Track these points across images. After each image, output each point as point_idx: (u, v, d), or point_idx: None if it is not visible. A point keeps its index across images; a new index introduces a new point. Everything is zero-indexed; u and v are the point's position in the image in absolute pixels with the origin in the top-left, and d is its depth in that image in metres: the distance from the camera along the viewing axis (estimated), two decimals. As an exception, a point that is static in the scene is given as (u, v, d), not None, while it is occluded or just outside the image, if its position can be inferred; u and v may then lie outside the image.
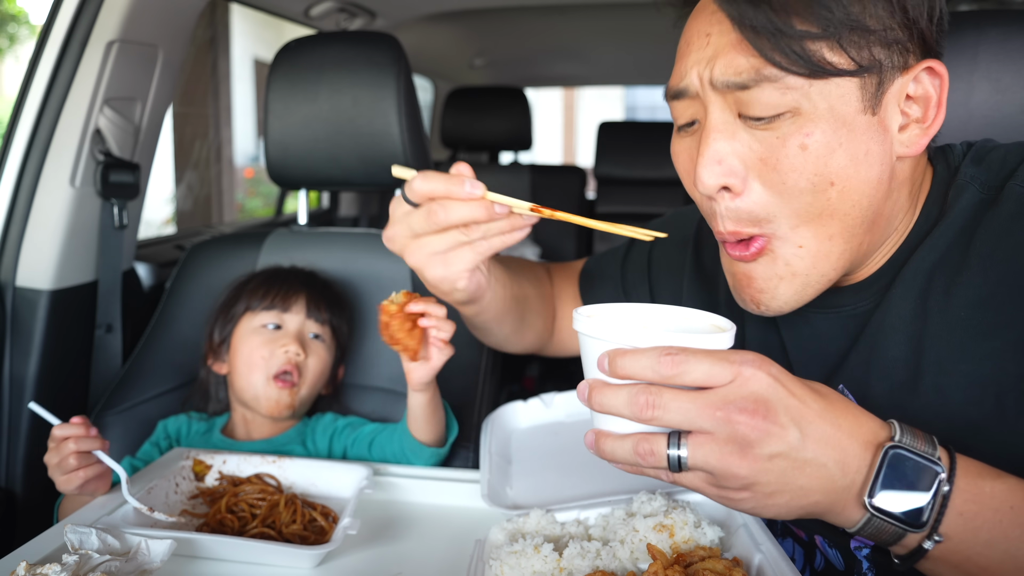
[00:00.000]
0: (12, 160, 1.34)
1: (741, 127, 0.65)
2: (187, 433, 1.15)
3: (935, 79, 0.65)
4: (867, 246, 0.69)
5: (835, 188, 0.64)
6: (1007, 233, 0.65)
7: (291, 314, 1.14)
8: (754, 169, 0.65)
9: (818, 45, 0.61)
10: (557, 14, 2.71)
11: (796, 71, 0.61)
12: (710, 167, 0.65)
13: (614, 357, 0.57)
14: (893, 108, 0.65)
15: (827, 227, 0.65)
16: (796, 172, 0.63)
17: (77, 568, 0.69)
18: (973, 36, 0.89)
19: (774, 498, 0.56)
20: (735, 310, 0.87)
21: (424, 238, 0.72)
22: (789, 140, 0.63)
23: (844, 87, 0.62)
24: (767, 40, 0.61)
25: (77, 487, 0.89)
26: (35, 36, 1.38)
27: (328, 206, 3.00)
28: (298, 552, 0.79)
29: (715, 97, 0.65)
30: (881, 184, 0.65)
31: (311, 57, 1.30)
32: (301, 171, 1.33)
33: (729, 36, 0.63)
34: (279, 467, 0.98)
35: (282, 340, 1.11)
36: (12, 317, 1.33)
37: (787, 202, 0.65)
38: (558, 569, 0.70)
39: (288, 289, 1.15)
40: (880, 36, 0.61)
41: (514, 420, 1.12)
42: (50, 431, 0.90)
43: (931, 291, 0.68)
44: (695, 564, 0.65)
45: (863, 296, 0.74)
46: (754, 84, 0.62)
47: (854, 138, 0.63)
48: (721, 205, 0.67)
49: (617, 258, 1.05)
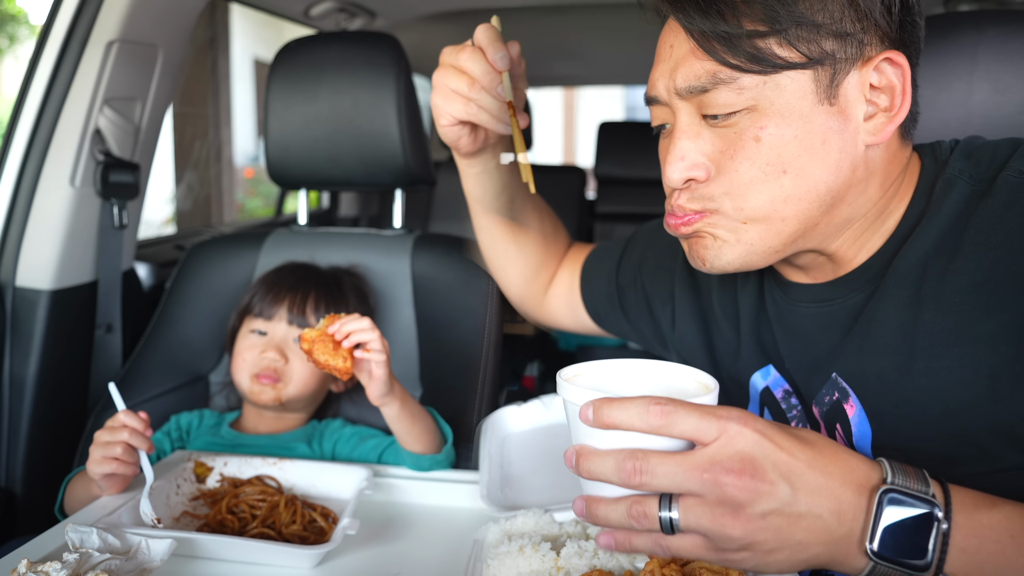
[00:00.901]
0: (12, 160, 1.34)
1: (705, 127, 0.70)
2: (198, 426, 1.17)
3: (896, 69, 0.68)
4: (824, 226, 0.71)
5: (788, 176, 0.68)
6: (1001, 221, 0.66)
7: (273, 322, 1.16)
8: (716, 162, 0.70)
9: (767, 42, 0.65)
10: (557, 14, 2.71)
11: (748, 69, 0.65)
12: (675, 164, 0.71)
13: (599, 407, 0.57)
14: (856, 98, 0.68)
15: (781, 210, 0.69)
16: (750, 161, 0.68)
17: (77, 566, 0.69)
18: (973, 36, 0.89)
19: (775, 555, 0.56)
20: (727, 309, 0.88)
21: (450, 70, 0.81)
22: (745, 134, 0.68)
23: (798, 80, 0.66)
24: (718, 44, 0.66)
25: (105, 474, 0.90)
26: (35, 36, 1.38)
27: (328, 206, 3.00)
28: (297, 552, 0.79)
29: (680, 103, 0.71)
30: (840, 170, 0.68)
31: (311, 57, 1.30)
32: (301, 171, 1.33)
33: (686, 45, 0.69)
34: (280, 469, 0.98)
35: (265, 347, 1.14)
36: (12, 317, 1.33)
37: (743, 189, 0.69)
38: (555, 568, 0.70)
39: (274, 297, 1.17)
40: (830, 29, 0.65)
41: (513, 422, 1.12)
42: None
43: (926, 279, 0.68)
44: (691, 563, 0.65)
45: (853, 287, 0.75)
46: (712, 87, 0.67)
47: (810, 128, 0.67)
48: (678, 193, 0.73)
49: (613, 256, 1.07)
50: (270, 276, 1.22)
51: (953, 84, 0.89)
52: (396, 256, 1.32)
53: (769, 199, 0.69)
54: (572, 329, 1.19)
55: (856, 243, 0.74)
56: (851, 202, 0.71)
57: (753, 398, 0.85)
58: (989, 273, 0.65)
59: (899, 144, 0.73)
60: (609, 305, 1.07)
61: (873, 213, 0.73)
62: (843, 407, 0.73)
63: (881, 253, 0.73)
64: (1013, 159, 0.68)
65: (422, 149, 1.30)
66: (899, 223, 0.73)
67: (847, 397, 0.73)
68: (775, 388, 0.82)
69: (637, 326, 1.04)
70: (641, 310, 1.02)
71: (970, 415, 0.65)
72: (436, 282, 1.30)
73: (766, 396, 0.83)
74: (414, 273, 1.31)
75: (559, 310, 1.14)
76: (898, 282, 0.70)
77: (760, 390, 0.84)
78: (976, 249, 0.66)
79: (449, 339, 1.26)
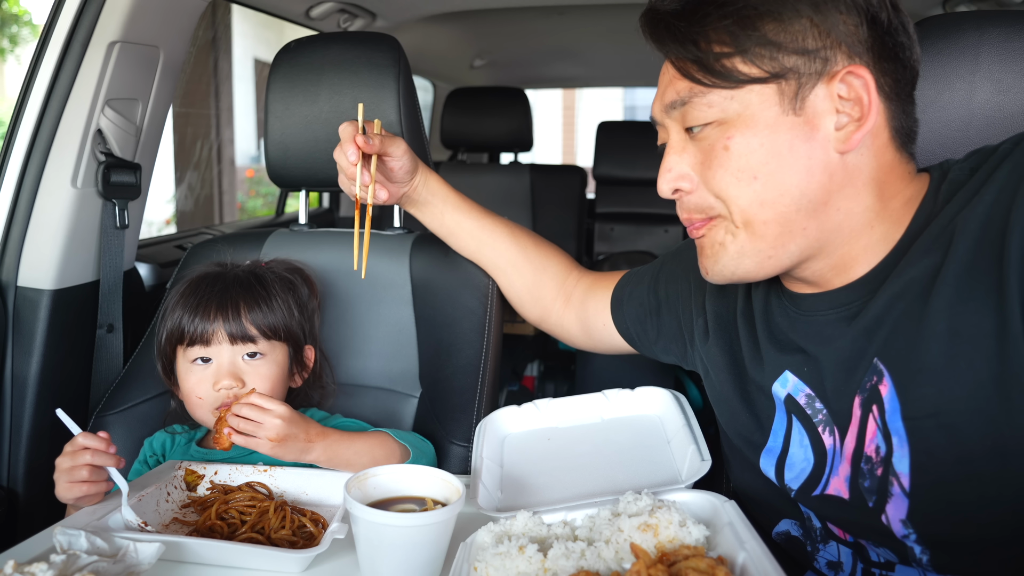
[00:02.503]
0: (14, 161, 1.34)
1: (689, 142, 0.80)
2: (171, 447, 1.14)
3: (859, 80, 0.73)
4: (816, 231, 0.76)
5: (759, 181, 0.75)
6: (1000, 167, 0.70)
7: (214, 346, 1.05)
8: (698, 172, 0.79)
9: (732, 61, 0.73)
10: (557, 15, 2.71)
11: (716, 85, 0.74)
12: (663, 176, 0.81)
13: None
14: (825, 108, 0.73)
15: (760, 214, 0.76)
16: (723, 169, 0.76)
17: (64, 568, 0.69)
18: (975, 37, 0.89)
19: None
20: (747, 319, 0.92)
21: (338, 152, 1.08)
22: (716, 144, 0.76)
23: (763, 94, 0.73)
24: (691, 64, 0.75)
25: (76, 498, 0.90)
26: (37, 37, 1.38)
27: (328, 206, 3.00)
28: (285, 556, 0.79)
29: (671, 123, 0.81)
30: (812, 175, 0.74)
31: (311, 58, 1.30)
32: (301, 172, 1.33)
33: (671, 70, 0.80)
34: (270, 476, 0.98)
35: (215, 377, 1.05)
36: (14, 317, 1.33)
37: (724, 194, 0.77)
38: (543, 570, 0.70)
39: (204, 321, 1.05)
40: (792, 47, 0.72)
41: (507, 424, 1.12)
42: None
43: (929, 280, 0.71)
44: (679, 563, 0.65)
45: (861, 293, 0.77)
46: (688, 100, 0.77)
47: (776, 137, 0.73)
48: (679, 204, 0.83)
49: (645, 279, 1.12)
50: (188, 295, 1.09)
51: (955, 84, 0.89)
52: (396, 256, 1.32)
53: (747, 203, 0.76)
54: (581, 346, 1.25)
55: (865, 250, 0.77)
56: (840, 207, 0.75)
57: (779, 406, 0.86)
58: (982, 244, 0.68)
59: (895, 156, 0.77)
60: (641, 328, 1.10)
61: (876, 221, 0.76)
62: (879, 388, 0.75)
63: (889, 258, 0.76)
64: (1007, 143, 0.72)
65: (422, 150, 1.30)
66: (905, 231, 0.76)
67: (883, 377, 0.74)
68: (797, 394, 0.84)
69: (667, 345, 1.08)
70: (673, 328, 1.06)
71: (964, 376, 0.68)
72: (436, 282, 1.30)
73: (790, 403, 0.84)
74: (413, 273, 1.31)
75: (571, 327, 1.21)
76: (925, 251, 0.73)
77: (783, 398, 0.85)
78: (966, 224, 0.70)
79: (449, 339, 1.26)
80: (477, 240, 1.22)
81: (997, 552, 0.71)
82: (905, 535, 0.74)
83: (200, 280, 1.11)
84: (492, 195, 3.05)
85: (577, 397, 1.13)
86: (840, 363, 0.78)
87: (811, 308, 0.82)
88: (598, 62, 3.63)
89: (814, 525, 0.85)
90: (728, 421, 0.93)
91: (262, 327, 1.08)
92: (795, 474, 0.84)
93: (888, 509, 0.74)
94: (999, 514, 0.69)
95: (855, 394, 0.77)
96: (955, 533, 0.72)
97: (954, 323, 0.68)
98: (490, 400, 1.23)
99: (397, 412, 1.26)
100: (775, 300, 0.88)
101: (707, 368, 0.97)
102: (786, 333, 0.85)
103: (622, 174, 3.26)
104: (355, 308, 1.31)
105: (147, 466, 1.12)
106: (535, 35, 3.09)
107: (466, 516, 0.90)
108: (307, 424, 0.97)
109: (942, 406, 0.69)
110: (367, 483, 0.84)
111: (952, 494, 0.70)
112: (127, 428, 1.25)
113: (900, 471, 0.73)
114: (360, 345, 1.30)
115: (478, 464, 0.99)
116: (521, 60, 3.65)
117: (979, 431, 0.68)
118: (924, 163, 0.91)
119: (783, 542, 0.91)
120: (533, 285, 1.22)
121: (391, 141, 1.10)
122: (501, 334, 1.31)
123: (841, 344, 0.78)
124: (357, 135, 1.03)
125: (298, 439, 0.95)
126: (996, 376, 0.66)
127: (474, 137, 3.30)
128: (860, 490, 0.77)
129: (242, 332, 1.06)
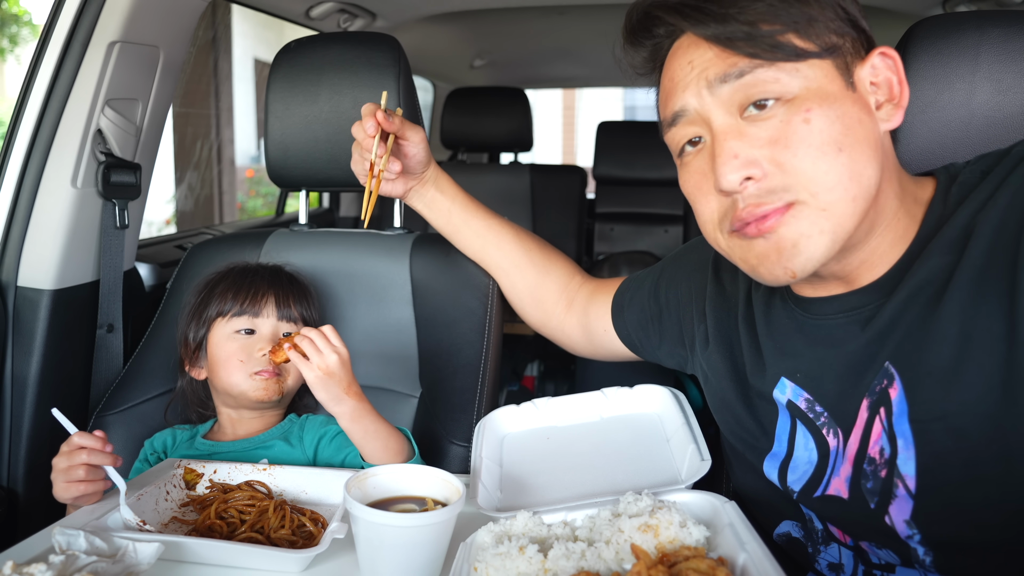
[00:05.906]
0: (14, 160, 1.34)
1: (745, 125, 0.71)
2: (172, 445, 1.14)
3: (888, 60, 0.74)
4: (873, 213, 0.74)
5: (844, 153, 0.69)
6: (1008, 184, 0.71)
7: (262, 318, 1.14)
8: (768, 154, 0.70)
9: (786, 37, 0.70)
10: (557, 15, 2.71)
11: (778, 59, 0.70)
12: (729, 163, 0.71)
13: None
14: (866, 87, 0.74)
15: (850, 189, 0.70)
16: (806, 144, 0.69)
17: (63, 568, 0.69)
18: (975, 37, 0.88)
19: None
20: (749, 327, 0.90)
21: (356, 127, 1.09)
22: (792, 119, 0.70)
23: (823, 68, 0.71)
24: (743, 44, 0.70)
25: (73, 498, 0.90)
26: (37, 37, 1.38)
27: (328, 206, 3.00)
28: (285, 556, 0.79)
29: (716, 105, 0.72)
30: (876, 151, 0.72)
31: (311, 58, 1.30)
32: (301, 172, 1.33)
33: (709, 53, 0.73)
34: (270, 475, 0.98)
35: (258, 344, 1.12)
36: (14, 317, 1.33)
37: (809, 172, 0.69)
38: (543, 570, 0.69)
39: (256, 292, 1.14)
40: (834, 27, 0.71)
41: (506, 424, 1.12)
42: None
43: (942, 283, 0.71)
44: (679, 564, 0.65)
45: (876, 296, 0.76)
46: (750, 71, 0.70)
47: (846, 109, 0.71)
48: (744, 194, 0.72)
49: (646, 284, 1.11)
50: (235, 276, 1.17)
51: (955, 84, 0.89)
52: (396, 256, 1.32)
53: (837, 178, 0.69)
54: (583, 353, 1.24)
55: (891, 246, 0.76)
56: (884, 190, 0.74)
57: (781, 411, 0.86)
58: (995, 246, 0.68)
59: (894, 154, 0.78)
60: (644, 333, 1.10)
61: (901, 212, 0.76)
62: (888, 392, 0.74)
63: (902, 262, 0.76)
64: (1020, 145, 0.73)
65: (423, 149, 1.30)
66: (916, 235, 0.76)
67: (893, 380, 0.74)
68: (796, 399, 0.83)
69: (671, 349, 1.07)
70: (674, 333, 1.05)
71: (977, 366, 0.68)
72: (435, 282, 1.30)
73: (792, 408, 0.84)
74: (413, 273, 1.31)
75: (572, 332, 1.21)
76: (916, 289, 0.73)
77: (785, 403, 0.85)
78: (979, 227, 0.70)
79: (449, 339, 1.26)
80: (483, 239, 1.22)
81: (999, 553, 0.71)
82: (909, 536, 0.74)
83: (238, 267, 1.20)
84: (492, 195, 3.05)
85: (576, 396, 1.13)
86: (850, 366, 0.78)
87: (820, 312, 0.81)
88: (598, 62, 3.62)
89: (815, 527, 0.85)
90: (730, 427, 0.93)
91: (303, 315, 1.18)
92: (798, 476, 0.84)
93: (891, 510, 0.74)
94: (1003, 516, 0.69)
95: (863, 397, 0.76)
96: (959, 534, 0.72)
97: (966, 327, 0.68)
98: (490, 400, 1.23)
99: (397, 412, 1.26)
100: (779, 302, 0.87)
101: (707, 375, 0.97)
102: (788, 336, 0.85)
103: (622, 174, 3.26)
104: (355, 308, 1.31)
105: (148, 464, 1.13)
106: (535, 35, 3.09)
107: (466, 516, 0.89)
108: (352, 379, 1.00)
109: (950, 409, 0.69)
110: (367, 483, 0.84)
111: (957, 496, 0.70)
112: (127, 428, 1.25)
113: (905, 473, 0.73)
114: (360, 345, 1.30)
115: (477, 464, 0.99)
116: (521, 60, 3.65)
117: (986, 435, 0.67)
118: (924, 163, 0.91)
119: (784, 543, 0.91)
120: (536, 288, 1.21)
121: (411, 126, 1.11)
122: (501, 334, 1.31)
123: (852, 348, 0.77)
124: (378, 111, 1.04)
125: (340, 384, 0.97)
126: (1004, 380, 0.66)
127: (474, 137, 3.30)
128: (861, 491, 0.77)
129: (288, 312, 1.15)
